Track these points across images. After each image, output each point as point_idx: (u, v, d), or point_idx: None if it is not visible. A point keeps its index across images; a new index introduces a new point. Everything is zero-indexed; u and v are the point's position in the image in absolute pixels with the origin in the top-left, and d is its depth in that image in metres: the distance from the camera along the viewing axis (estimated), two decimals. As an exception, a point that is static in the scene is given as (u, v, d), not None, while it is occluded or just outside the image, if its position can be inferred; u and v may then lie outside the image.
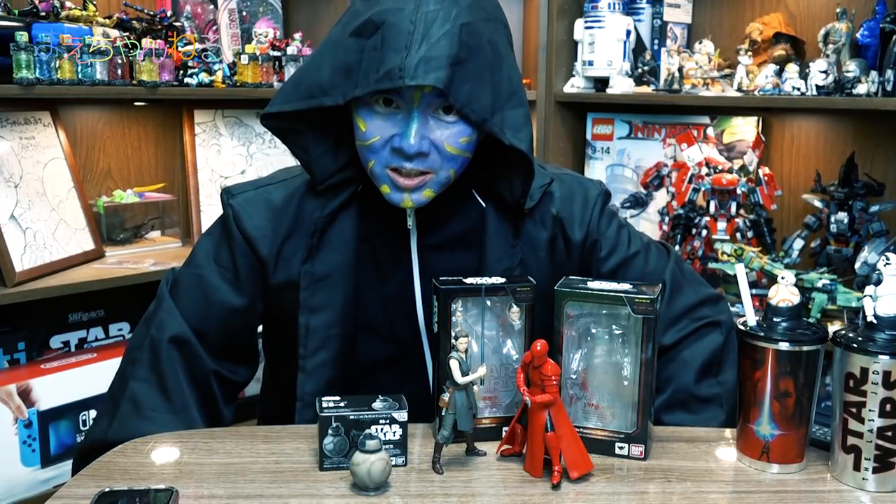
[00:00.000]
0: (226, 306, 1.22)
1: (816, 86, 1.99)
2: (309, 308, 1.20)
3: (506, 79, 1.12)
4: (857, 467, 0.98)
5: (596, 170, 2.53)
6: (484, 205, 1.23)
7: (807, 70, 2.02)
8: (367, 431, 0.98)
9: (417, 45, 1.05)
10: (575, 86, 2.46)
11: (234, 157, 2.37)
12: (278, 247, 1.21)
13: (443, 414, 1.00)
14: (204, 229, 2.24)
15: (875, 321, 0.97)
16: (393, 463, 0.99)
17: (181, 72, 2.07)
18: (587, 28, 2.38)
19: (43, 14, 1.88)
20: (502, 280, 1.08)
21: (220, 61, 2.22)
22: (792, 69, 2.04)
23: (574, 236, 1.26)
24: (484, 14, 1.11)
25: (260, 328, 1.32)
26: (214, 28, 2.33)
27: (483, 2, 1.13)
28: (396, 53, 1.05)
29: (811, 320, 1.78)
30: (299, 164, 1.22)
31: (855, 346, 0.96)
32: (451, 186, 1.18)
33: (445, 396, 1.00)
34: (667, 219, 2.35)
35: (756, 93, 2.10)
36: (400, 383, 1.13)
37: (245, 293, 1.23)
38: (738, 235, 2.22)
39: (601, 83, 2.43)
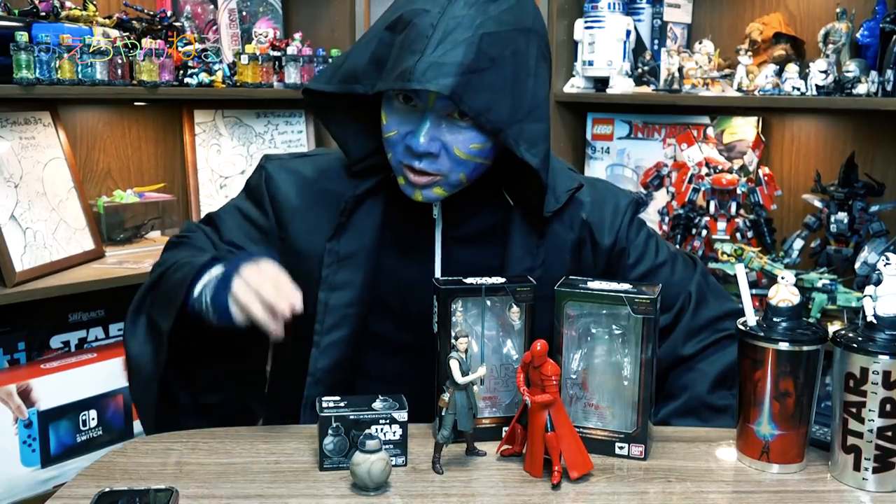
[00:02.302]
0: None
1: (816, 86, 1.99)
2: (329, 285, 1.21)
3: (529, 92, 1.11)
4: (857, 467, 0.98)
5: (596, 170, 2.53)
6: (512, 203, 1.24)
7: (807, 70, 2.03)
8: (367, 431, 0.98)
9: (432, 49, 1.05)
10: (575, 86, 2.46)
11: (234, 157, 2.37)
12: (301, 215, 1.24)
13: (443, 414, 1.00)
14: (204, 229, 2.26)
15: (875, 321, 0.97)
16: (393, 463, 0.99)
17: (181, 72, 2.07)
18: (587, 28, 2.38)
19: (43, 14, 1.88)
20: (502, 280, 1.08)
21: (220, 61, 2.22)
22: (792, 69, 2.04)
23: (603, 242, 1.26)
24: (515, 25, 1.10)
25: None
26: (214, 28, 2.33)
27: (519, 12, 1.12)
28: (412, 55, 1.06)
29: (811, 320, 1.78)
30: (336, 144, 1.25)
31: (855, 346, 0.97)
32: (480, 182, 1.19)
33: (445, 396, 1.00)
34: (667, 219, 2.35)
35: (756, 93, 2.10)
36: (411, 373, 1.14)
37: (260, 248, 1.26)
38: (738, 235, 2.22)
39: (601, 83, 2.43)
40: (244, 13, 2.38)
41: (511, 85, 1.09)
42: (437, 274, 1.23)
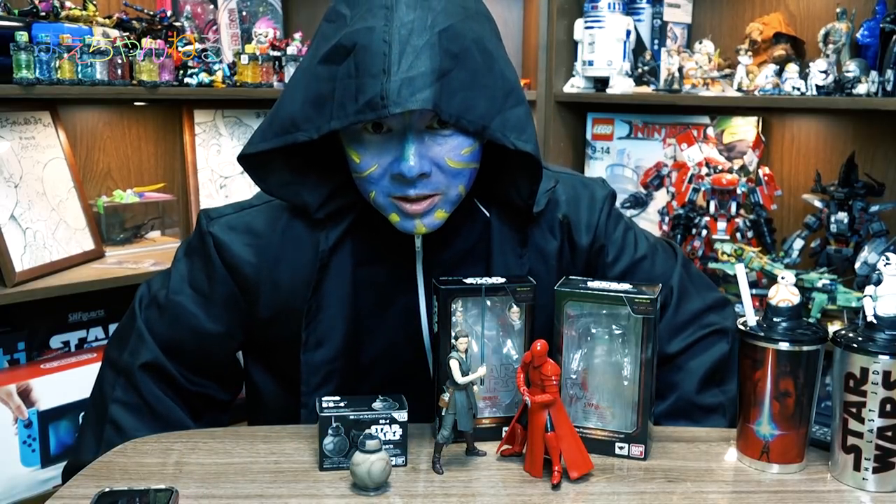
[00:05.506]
0: (201, 334, 1.18)
1: (816, 86, 1.99)
2: (309, 345, 1.15)
3: (500, 77, 1.03)
4: (857, 467, 0.98)
5: (596, 170, 2.53)
6: (488, 214, 1.18)
7: (807, 70, 2.03)
8: (367, 431, 0.98)
9: (396, 65, 0.95)
10: (575, 86, 2.46)
11: (234, 158, 2.36)
12: (266, 275, 1.15)
13: (443, 414, 1.00)
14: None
15: (875, 321, 0.97)
16: (393, 463, 0.99)
17: (181, 72, 2.06)
18: (587, 28, 2.38)
19: (43, 14, 1.88)
20: (502, 280, 1.08)
21: (220, 61, 2.21)
22: (792, 69, 2.04)
23: (580, 241, 1.22)
24: (463, 13, 1.02)
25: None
26: (214, 28, 2.33)
27: None
28: (374, 79, 0.96)
29: (811, 320, 1.78)
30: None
31: (855, 346, 0.96)
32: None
33: (445, 396, 1.00)
34: (667, 219, 2.35)
35: (756, 93, 2.10)
36: (408, 390, 1.09)
37: (222, 322, 1.18)
38: (738, 235, 2.22)
39: (601, 83, 2.43)
40: (244, 13, 2.38)
41: (481, 76, 1.01)
42: (422, 303, 1.17)
